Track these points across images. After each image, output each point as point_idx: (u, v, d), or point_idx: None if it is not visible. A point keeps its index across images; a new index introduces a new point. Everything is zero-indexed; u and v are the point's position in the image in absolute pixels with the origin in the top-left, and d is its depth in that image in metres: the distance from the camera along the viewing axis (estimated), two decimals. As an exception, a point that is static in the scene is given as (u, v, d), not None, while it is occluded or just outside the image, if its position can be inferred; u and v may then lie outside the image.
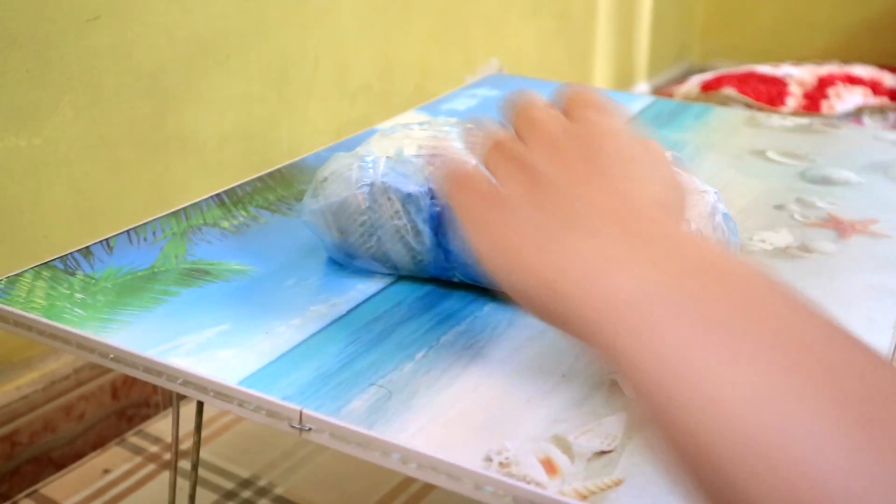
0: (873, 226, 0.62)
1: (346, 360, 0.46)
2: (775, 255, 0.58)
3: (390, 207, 0.52)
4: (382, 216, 0.52)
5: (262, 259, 0.57)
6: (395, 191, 0.52)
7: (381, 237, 0.53)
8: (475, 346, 0.47)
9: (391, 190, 0.52)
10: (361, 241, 0.53)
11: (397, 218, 0.52)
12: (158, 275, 0.55)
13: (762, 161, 0.74)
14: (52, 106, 0.79)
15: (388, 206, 0.52)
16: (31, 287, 0.53)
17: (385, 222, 0.52)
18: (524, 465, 0.38)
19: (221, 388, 0.44)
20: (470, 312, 0.51)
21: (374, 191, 0.52)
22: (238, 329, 0.49)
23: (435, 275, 0.53)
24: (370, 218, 0.52)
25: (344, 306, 0.51)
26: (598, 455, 0.39)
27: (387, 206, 0.52)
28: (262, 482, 0.79)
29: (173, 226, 0.61)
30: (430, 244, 0.52)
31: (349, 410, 0.42)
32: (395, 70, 1.22)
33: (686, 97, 1.72)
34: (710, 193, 0.52)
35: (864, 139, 0.81)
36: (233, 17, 0.95)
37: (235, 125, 0.98)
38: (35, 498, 0.80)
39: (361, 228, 0.53)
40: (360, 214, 0.53)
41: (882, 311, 0.51)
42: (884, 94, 1.66)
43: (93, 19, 0.81)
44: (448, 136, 0.54)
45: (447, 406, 0.42)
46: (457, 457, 0.39)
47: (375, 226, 0.52)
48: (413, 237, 0.52)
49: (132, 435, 0.88)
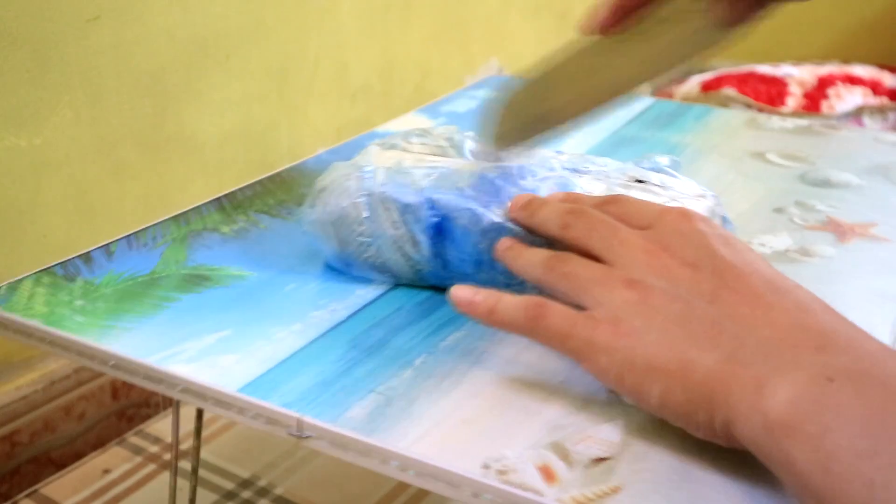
0: (873, 229, 0.62)
1: (345, 367, 0.46)
2: (775, 258, 0.58)
3: (388, 217, 0.52)
4: (381, 226, 0.52)
5: (262, 264, 0.57)
6: (394, 201, 0.52)
7: (380, 247, 0.53)
8: (474, 353, 0.47)
9: (389, 200, 0.52)
10: (360, 250, 0.53)
11: (396, 228, 0.52)
12: (159, 280, 0.55)
13: (762, 163, 0.75)
14: (52, 106, 0.79)
15: (386, 217, 0.52)
16: (32, 293, 0.53)
17: (383, 232, 0.52)
18: (522, 473, 0.38)
19: (220, 395, 0.44)
20: (469, 318, 0.51)
21: (372, 201, 0.52)
22: (239, 335, 0.49)
23: (433, 284, 0.54)
24: (369, 228, 0.53)
25: (344, 312, 0.51)
26: (597, 462, 0.39)
27: (385, 217, 0.52)
28: (262, 482, 0.79)
29: (173, 231, 0.61)
30: (428, 254, 0.52)
31: (348, 418, 0.42)
32: (395, 70, 1.22)
33: (686, 97, 1.72)
34: (709, 198, 0.52)
35: (865, 141, 0.81)
36: (233, 17, 0.95)
37: (235, 125, 0.98)
38: (35, 498, 0.80)
39: (360, 238, 0.53)
40: (358, 224, 0.53)
41: (882, 315, 0.51)
42: (884, 94, 1.65)
43: (93, 19, 0.81)
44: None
45: (446, 413, 0.42)
46: (455, 464, 0.39)
47: (374, 236, 0.53)
48: (411, 247, 0.52)
49: (132, 435, 0.89)
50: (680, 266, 0.41)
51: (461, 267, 0.52)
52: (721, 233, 0.43)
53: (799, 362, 0.36)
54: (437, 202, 0.51)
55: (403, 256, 0.53)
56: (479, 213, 0.51)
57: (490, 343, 0.48)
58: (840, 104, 1.61)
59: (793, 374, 0.35)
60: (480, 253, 0.51)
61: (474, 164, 0.54)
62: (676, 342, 0.39)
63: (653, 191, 0.52)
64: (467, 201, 0.51)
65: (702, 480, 0.37)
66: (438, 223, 0.51)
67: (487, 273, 0.51)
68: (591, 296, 0.42)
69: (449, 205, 0.51)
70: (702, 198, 0.51)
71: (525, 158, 0.55)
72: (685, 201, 0.51)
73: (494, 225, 0.50)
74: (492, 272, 0.51)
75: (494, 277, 0.51)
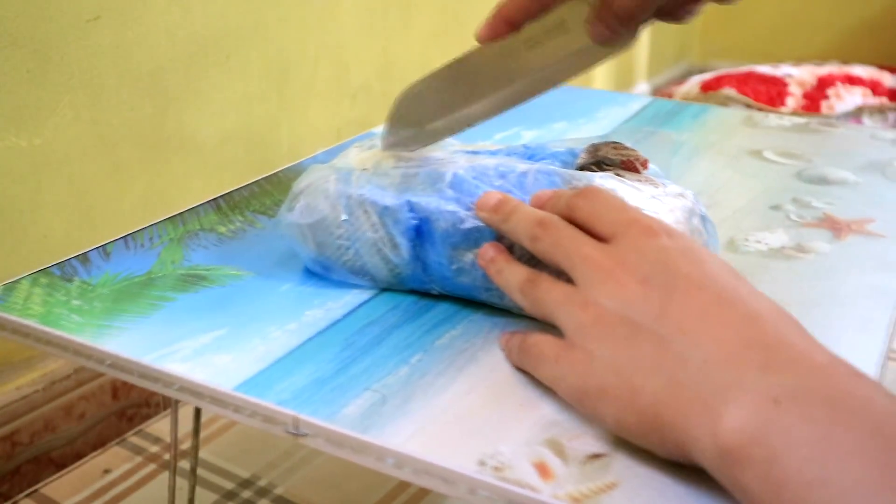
0: (869, 225, 0.62)
1: (341, 365, 0.46)
2: (771, 255, 0.58)
3: (367, 220, 0.52)
4: (359, 229, 0.52)
5: (258, 264, 0.57)
6: (372, 203, 0.52)
7: (359, 250, 0.52)
8: (469, 350, 0.47)
9: (368, 202, 0.52)
10: (338, 253, 0.53)
11: (374, 231, 0.52)
12: (155, 280, 0.55)
13: (759, 161, 0.75)
14: (52, 106, 0.80)
15: (364, 219, 0.52)
16: (29, 294, 0.53)
17: (362, 235, 0.52)
18: (518, 469, 0.38)
19: (217, 393, 0.44)
20: (464, 316, 0.51)
21: (350, 203, 0.52)
22: (234, 334, 0.49)
23: (413, 287, 0.53)
24: (347, 231, 0.52)
25: (339, 311, 0.51)
26: (592, 458, 0.39)
27: (364, 219, 0.52)
28: (262, 482, 0.79)
29: (170, 231, 0.61)
30: (407, 257, 0.52)
31: (344, 415, 0.42)
32: (395, 70, 1.22)
33: (686, 97, 1.72)
34: (688, 197, 0.51)
35: (862, 138, 0.81)
36: (233, 17, 0.95)
37: (235, 125, 0.98)
38: (35, 498, 0.80)
39: (338, 241, 0.52)
40: (336, 227, 0.52)
41: (878, 311, 0.51)
42: (883, 94, 1.65)
43: (93, 19, 0.81)
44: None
45: (441, 410, 0.42)
46: (451, 461, 0.39)
47: (352, 238, 0.52)
48: (391, 250, 0.52)
49: (132, 435, 0.89)
50: (633, 283, 0.41)
51: (441, 270, 0.51)
52: (684, 245, 0.42)
53: (743, 383, 0.36)
54: (417, 205, 0.51)
55: (383, 260, 0.52)
56: (460, 215, 0.50)
57: (485, 341, 0.48)
58: (840, 104, 1.61)
59: (739, 396, 0.35)
60: (461, 256, 0.50)
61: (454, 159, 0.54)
62: (623, 367, 0.39)
63: (635, 187, 0.51)
64: (447, 203, 0.50)
65: (696, 476, 0.37)
66: (418, 226, 0.51)
67: (468, 277, 0.51)
68: (557, 319, 0.43)
69: (428, 207, 0.51)
70: (681, 197, 0.51)
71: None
72: (664, 200, 0.50)
73: (475, 228, 0.50)
74: (472, 276, 0.50)
75: (475, 281, 0.50)
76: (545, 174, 0.51)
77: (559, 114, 0.86)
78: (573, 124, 0.83)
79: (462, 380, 0.45)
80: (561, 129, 0.82)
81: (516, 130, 0.81)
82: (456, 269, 0.51)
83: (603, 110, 0.87)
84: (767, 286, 0.48)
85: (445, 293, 0.52)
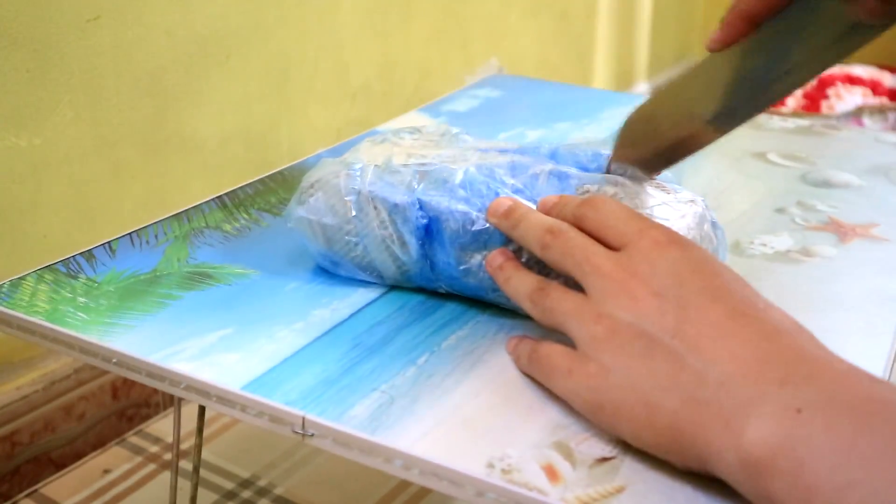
0: (874, 229, 0.62)
1: (348, 365, 0.46)
2: (776, 258, 0.58)
3: (377, 217, 0.52)
4: (368, 225, 0.52)
5: (264, 263, 0.57)
6: (383, 200, 0.51)
7: (367, 246, 0.52)
8: (477, 351, 0.47)
9: (378, 199, 0.52)
10: (347, 249, 0.53)
11: (383, 228, 0.52)
12: (161, 278, 0.55)
13: (763, 163, 0.75)
14: (52, 106, 0.79)
15: (374, 216, 0.52)
16: (34, 291, 0.53)
17: (371, 231, 0.52)
18: (526, 472, 0.38)
19: (224, 393, 0.44)
20: (472, 317, 0.51)
21: (360, 199, 0.52)
22: (241, 333, 0.49)
23: (420, 285, 0.53)
24: (356, 227, 0.52)
25: (346, 311, 0.51)
26: (600, 462, 0.39)
27: (373, 216, 0.52)
28: (262, 482, 0.79)
29: (175, 229, 0.61)
30: (416, 255, 0.51)
31: (351, 416, 0.42)
32: (395, 70, 1.22)
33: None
34: (699, 203, 0.51)
35: (865, 141, 0.81)
36: (233, 17, 0.95)
37: (235, 125, 0.98)
38: (35, 498, 0.80)
39: (347, 237, 0.52)
40: (346, 223, 0.52)
41: (883, 315, 0.51)
42: (884, 94, 1.66)
43: (93, 19, 0.81)
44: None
45: (449, 412, 0.42)
46: (459, 463, 0.39)
47: (361, 235, 0.52)
48: (399, 247, 0.52)
49: (132, 435, 0.89)
50: (647, 296, 0.41)
51: (449, 270, 0.51)
52: (695, 256, 0.42)
53: (764, 398, 0.36)
54: (427, 203, 0.51)
55: (391, 257, 0.52)
56: (470, 216, 0.50)
57: (492, 342, 0.48)
58: (840, 104, 1.62)
59: (761, 409, 0.35)
60: (469, 257, 0.50)
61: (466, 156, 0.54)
62: (639, 383, 0.39)
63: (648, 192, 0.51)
64: (458, 203, 0.50)
65: (705, 481, 0.37)
66: (427, 225, 0.51)
67: (475, 277, 0.50)
68: (569, 330, 0.43)
69: (438, 206, 0.50)
70: (692, 203, 0.50)
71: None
72: (676, 206, 0.50)
73: (484, 230, 0.50)
74: (480, 277, 0.50)
75: (482, 282, 0.50)
76: (557, 175, 0.51)
77: (562, 114, 0.85)
78: (577, 125, 0.83)
79: (470, 381, 0.45)
80: (564, 130, 0.82)
81: (520, 130, 0.81)
82: (463, 270, 0.50)
83: (606, 111, 0.87)
84: (772, 290, 0.48)
85: (453, 292, 0.52)
